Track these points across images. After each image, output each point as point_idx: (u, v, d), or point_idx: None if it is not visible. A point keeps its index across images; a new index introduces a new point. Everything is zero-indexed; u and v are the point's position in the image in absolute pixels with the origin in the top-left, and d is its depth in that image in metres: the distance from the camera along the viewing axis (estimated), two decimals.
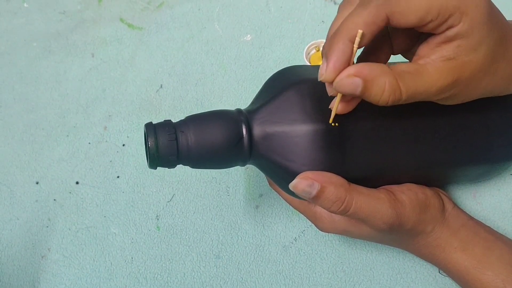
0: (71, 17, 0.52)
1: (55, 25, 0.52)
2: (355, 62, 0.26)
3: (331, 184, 0.28)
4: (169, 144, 0.29)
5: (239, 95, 0.45)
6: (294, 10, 0.48)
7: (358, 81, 0.24)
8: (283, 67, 0.34)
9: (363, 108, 0.30)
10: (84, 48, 0.50)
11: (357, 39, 0.24)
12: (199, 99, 0.45)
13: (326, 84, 0.26)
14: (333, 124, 0.28)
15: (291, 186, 0.29)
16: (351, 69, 0.24)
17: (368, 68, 0.24)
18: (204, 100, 0.45)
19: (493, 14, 0.25)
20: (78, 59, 0.49)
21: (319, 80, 0.25)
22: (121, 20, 0.51)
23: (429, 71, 0.25)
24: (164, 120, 0.30)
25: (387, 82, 0.24)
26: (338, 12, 0.28)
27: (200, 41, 0.48)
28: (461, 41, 0.24)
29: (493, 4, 0.26)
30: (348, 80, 0.24)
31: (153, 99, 0.46)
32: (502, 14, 0.27)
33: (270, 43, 0.47)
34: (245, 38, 0.48)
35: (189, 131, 0.29)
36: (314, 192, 0.28)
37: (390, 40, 0.28)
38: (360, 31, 0.24)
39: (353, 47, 0.24)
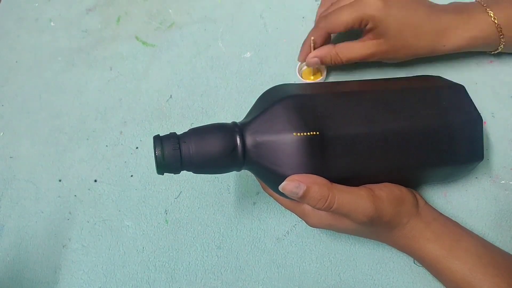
0: (92, 35, 0.53)
1: (78, 42, 0.53)
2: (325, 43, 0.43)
3: (315, 184, 0.30)
4: (173, 153, 0.30)
5: (239, 105, 0.47)
6: (289, 31, 0.50)
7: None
8: (277, 81, 0.35)
9: (341, 119, 0.32)
10: (104, 62, 0.51)
11: (312, 44, 0.43)
12: (204, 108, 0.47)
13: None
14: (313, 132, 0.31)
15: (280, 187, 0.31)
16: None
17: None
18: (209, 109, 0.47)
19: (389, 6, 0.39)
20: (98, 72, 0.51)
21: (297, 60, 0.45)
22: (137, 38, 0.52)
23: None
24: (170, 133, 0.32)
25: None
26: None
27: (206, 57, 0.50)
28: (373, 31, 0.41)
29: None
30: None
31: (163, 108, 0.47)
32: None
33: (267, 60, 0.49)
34: (245, 55, 0.50)
35: (191, 141, 0.31)
36: (300, 192, 0.30)
37: (330, 37, 0.44)
38: (312, 38, 0.43)
39: (311, 46, 0.43)
